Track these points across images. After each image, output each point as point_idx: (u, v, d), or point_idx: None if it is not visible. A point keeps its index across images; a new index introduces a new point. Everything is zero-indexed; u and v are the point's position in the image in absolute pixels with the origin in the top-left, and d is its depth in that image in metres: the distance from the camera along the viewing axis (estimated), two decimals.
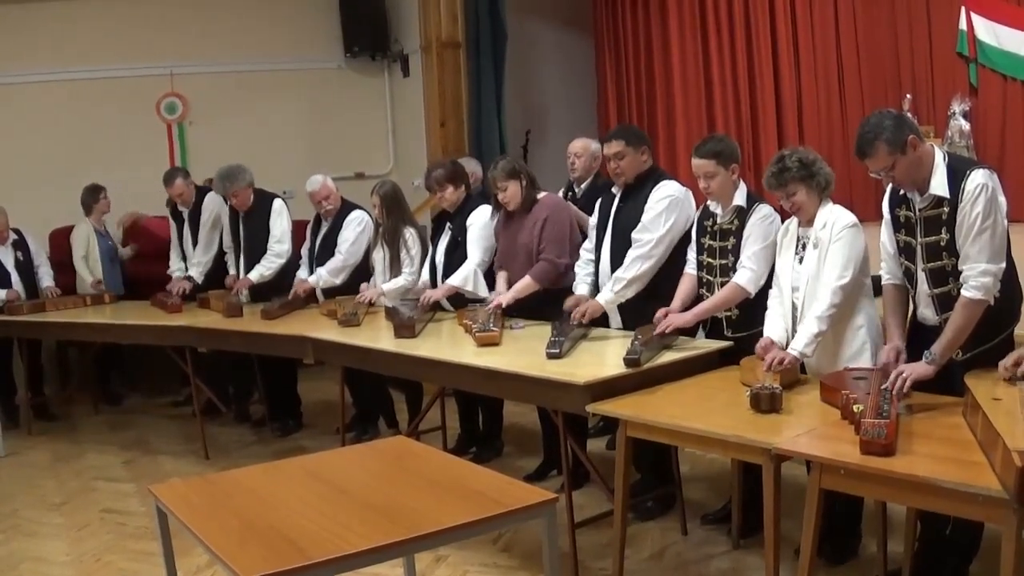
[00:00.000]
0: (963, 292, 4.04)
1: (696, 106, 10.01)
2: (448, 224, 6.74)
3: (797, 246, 4.76)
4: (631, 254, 5.50)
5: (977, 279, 4.00)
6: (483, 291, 6.42)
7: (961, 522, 3.93)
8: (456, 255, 6.58)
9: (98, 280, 8.78)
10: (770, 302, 4.91)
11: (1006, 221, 4.09)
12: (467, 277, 6.42)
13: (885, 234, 4.47)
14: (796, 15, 9.30)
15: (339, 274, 7.44)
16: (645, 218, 5.52)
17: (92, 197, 8.90)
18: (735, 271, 5.08)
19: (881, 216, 4.50)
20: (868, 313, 4.68)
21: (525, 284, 6.03)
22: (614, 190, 5.82)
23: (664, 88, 10.27)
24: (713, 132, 9.22)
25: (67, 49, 9.77)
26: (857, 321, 4.67)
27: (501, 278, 6.35)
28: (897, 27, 8.80)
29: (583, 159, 6.97)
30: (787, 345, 4.64)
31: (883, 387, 3.81)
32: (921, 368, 3.95)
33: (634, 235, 5.53)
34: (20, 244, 8.66)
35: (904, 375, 3.89)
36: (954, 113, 8.25)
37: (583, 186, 7.04)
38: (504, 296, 5.98)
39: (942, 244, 4.13)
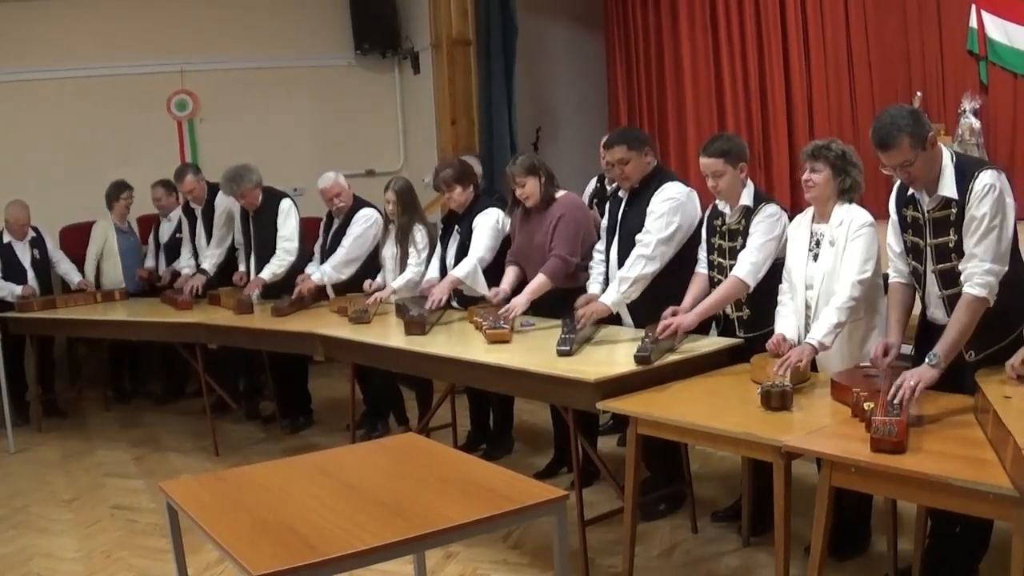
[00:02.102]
0: (967, 290, 4.00)
1: (706, 103, 9.99)
2: (456, 227, 6.74)
3: (811, 242, 4.76)
4: (633, 254, 5.48)
5: (982, 277, 3.97)
6: (482, 288, 6.41)
7: (971, 520, 3.92)
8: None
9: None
10: (780, 298, 4.91)
11: (1013, 224, 4.06)
12: (469, 272, 6.39)
13: (891, 234, 4.45)
14: (807, 13, 9.28)
15: (343, 268, 7.45)
16: (648, 220, 5.51)
17: (115, 193, 8.93)
18: None
19: (887, 214, 4.49)
20: (882, 314, 4.68)
21: (540, 283, 6.00)
22: (621, 193, 5.81)
23: (674, 85, 10.26)
24: (723, 130, 9.23)
25: (78, 46, 9.78)
26: (871, 322, 4.68)
27: (510, 272, 6.33)
28: (907, 25, 8.77)
29: None
30: (799, 342, 4.64)
31: (890, 398, 3.77)
32: (928, 373, 3.87)
33: (637, 237, 5.52)
34: (38, 242, 8.69)
35: (912, 384, 3.81)
36: (964, 111, 8.21)
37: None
38: (519, 300, 5.94)
39: (951, 246, 4.12)
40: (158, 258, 9.02)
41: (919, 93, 8.47)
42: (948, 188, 4.08)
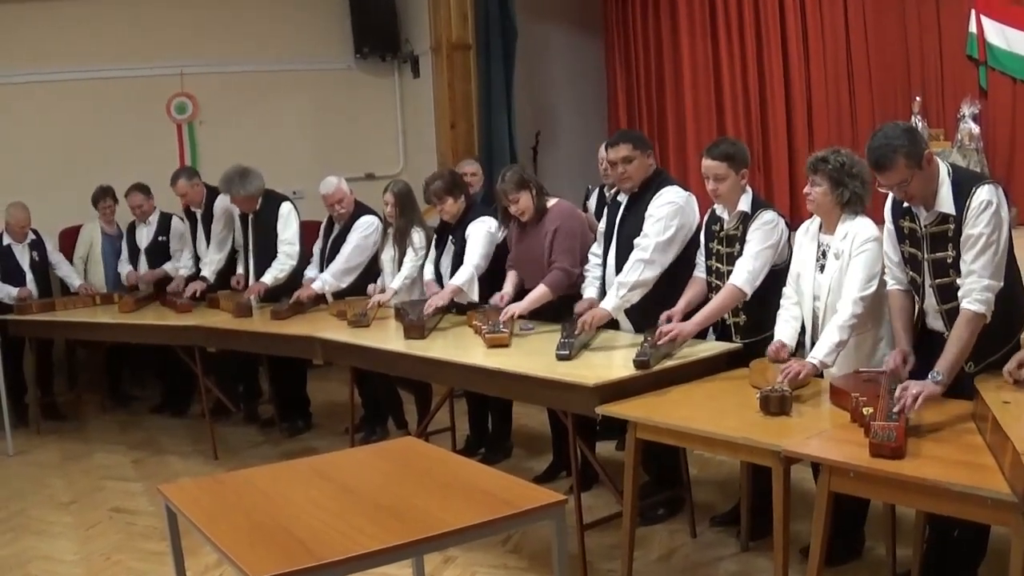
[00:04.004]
0: (966, 306, 4.00)
1: (706, 108, 10.00)
2: (451, 237, 6.74)
3: (818, 253, 4.75)
4: (632, 258, 5.45)
5: (981, 293, 3.97)
6: (474, 296, 6.43)
7: (969, 525, 3.92)
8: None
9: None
10: (783, 302, 4.90)
11: (1007, 237, 4.06)
12: (467, 280, 6.40)
13: (888, 243, 4.44)
14: (806, 17, 9.30)
15: (343, 277, 7.41)
16: (646, 225, 5.49)
17: (95, 199, 8.93)
18: None
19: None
20: (889, 324, 4.66)
21: (541, 294, 5.98)
22: (620, 198, 5.80)
23: (674, 89, 10.27)
24: (724, 134, 9.23)
25: (78, 48, 9.77)
26: (879, 333, 4.66)
27: (511, 276, 6.34)
28: (907, 30, 8.79)
29: None
30: (797, 346, 4.65)
31: (892, 403, 3.77)
32: (931, 389, 3.85)
33: (636, 241, 5.50)
34: (37, 244, 8.67)
35: (915, 393, 3.79)
36: (963, 116, 8.23)
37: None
38: (519, 305, 5.93)
39: (949, 261, 4.11)
40: (137, 264, 8.85)
41: (918, 98, 8.49)
42: (946, 204, 4.07)
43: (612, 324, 5.66)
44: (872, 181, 4.55)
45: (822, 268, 4.72)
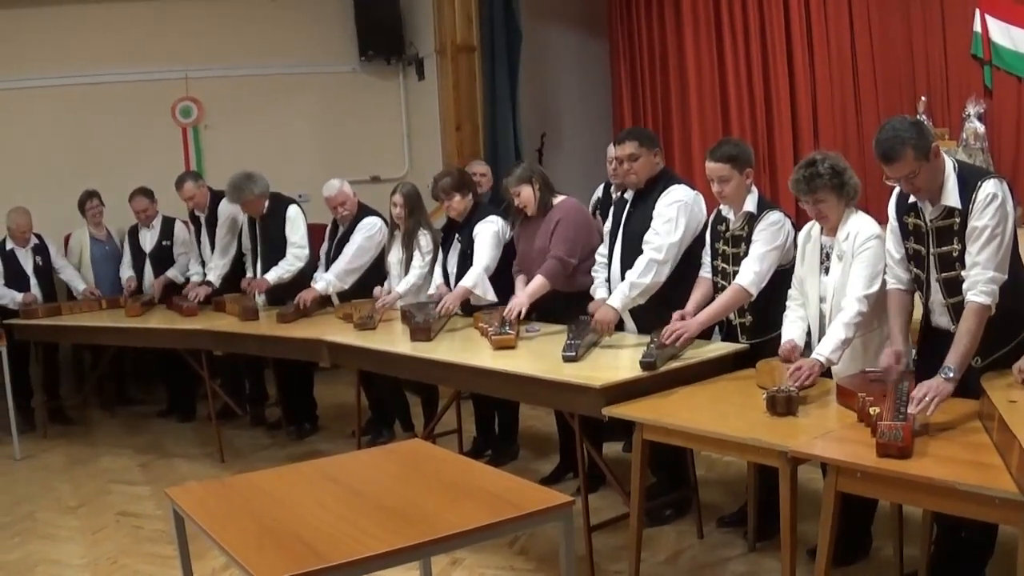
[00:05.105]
0: (971, 298, 4.00)
1: (711, 109, 9.99)
2: (457, 235, 6.75)
3: (821, 255, 4.75)
4: (644, 259, 5.43)
5: (987, 285, 3.98)
6: (490, 295, 6.42)
7: (976, 524, 3.91)
8: (467, 266, 6.55)
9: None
10: (789, 303, 4.91)
11: (1012, 232, 4.06)
12: (477, 282, 6.41)
13: (891, 241, 4.44)
14: (811, 18, 9.28)
15: (346, 278, 7.42)
16: (655, 223, 5.48)
17: (80, 202, 8.91)
18: None
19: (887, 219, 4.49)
20: None
21: (538, 284, 6.00)
22: (626, 195, 5.80)
23: (679, 91, 10.25)
24: (728, 135, 9.22)
25: (83, 53, 9.80)
26: (885, 332, 4.63)
27: (520, 281, 6.34)
28: (912, 30, 8.77)
29: None
30: (804, 347, 4.64)
31: (899, 402, 3.76)
32: (944, 388, 3.83)
33: (646, 238, 5.49)
34: (40, 249, 8.68)
35: (929, 397, 3.77)
36: (969, 115, 8.21)
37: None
38: (519, 299, 5.94)
39: (954, 255, 4.12)
40: (142, 268, 8.85)
41: (923, 98, 8.47)
42: (951, 198, 4.08)
43: (617, 325, 5.66)
44: (853, 169, 4.63)
45: (826, 270, 4.71)
